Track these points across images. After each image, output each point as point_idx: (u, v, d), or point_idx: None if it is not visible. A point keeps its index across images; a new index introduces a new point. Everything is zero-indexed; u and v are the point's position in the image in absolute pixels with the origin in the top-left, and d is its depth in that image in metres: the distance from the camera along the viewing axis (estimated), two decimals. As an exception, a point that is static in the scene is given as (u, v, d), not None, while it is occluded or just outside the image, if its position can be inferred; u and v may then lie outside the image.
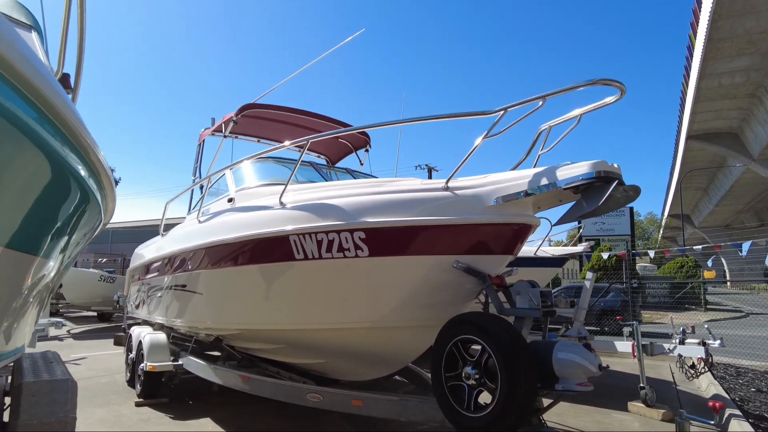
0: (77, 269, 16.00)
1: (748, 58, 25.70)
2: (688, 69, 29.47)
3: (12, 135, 1.45)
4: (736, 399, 6.27)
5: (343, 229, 3.56)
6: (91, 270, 17.78)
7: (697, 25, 24.83)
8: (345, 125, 6.62)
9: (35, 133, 1.52)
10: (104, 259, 28.17)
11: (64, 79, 2.76)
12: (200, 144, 7.30)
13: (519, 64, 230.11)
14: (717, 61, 26.20)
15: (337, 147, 7.70)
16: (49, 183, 1.80)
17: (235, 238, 4.29)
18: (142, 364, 6.22)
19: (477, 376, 3.06)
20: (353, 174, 6.41)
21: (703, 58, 25.80)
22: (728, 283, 41.26)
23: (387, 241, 3.48)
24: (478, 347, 3.09)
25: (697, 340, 6.03)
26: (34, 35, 3.69)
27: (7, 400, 3.93)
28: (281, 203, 4.11)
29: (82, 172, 1.91)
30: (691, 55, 27.78)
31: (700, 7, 23.71)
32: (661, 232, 72.11)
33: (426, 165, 33.45)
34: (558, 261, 8.13)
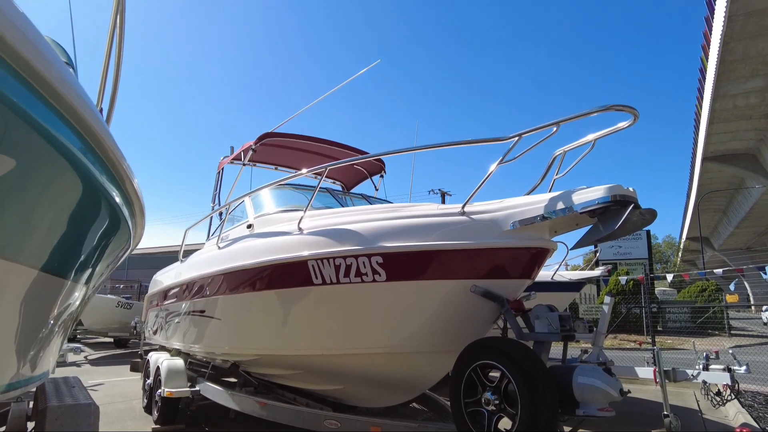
0: (95, 295, 16.17)
1: (763, 79, 25.55)
2: (701, 91, 29.38)
3: (55, 160, 1.55)
4: (766, 428, 6.06)
5: (361, 253, 3.61)
6: (108, 296, 17.97)
7: (709, 48, 24.87)
8: (361, 152, 6.74)
9: (77, 159, 1.62)
10: (121, 286, 28.47)
11: None
12: (219, 172, 7.48)
13: (535, 86, 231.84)
14: (731, 83, 26.09)
15: (353, 173, 7.82)
16: (86, 207, 1.89)
17: (254, 263, 4.35)
18: (159, 390, 6.25)
19: (497, 402, 3.03)
20: (369, 200, 6.49)
21: (716, 80, 25.72)
22: (753, 308, 40.15)
23: (404, 265, 3.51)
24: (498, 372, 3.08)
25: (721, 366, 5.88)
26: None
27: (30, 425, 3.99)
28: (299, 229, 4.18)
29: (117, 199, 2.01)
30: (704, 77, 27.73)
31: (710, 30, 23.81)
32: (680, 255, 70.71)
33: (439, 190, 33.60)
34: (575, 285, 8.03)
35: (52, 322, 2.68)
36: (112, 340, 17.74)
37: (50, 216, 1.80)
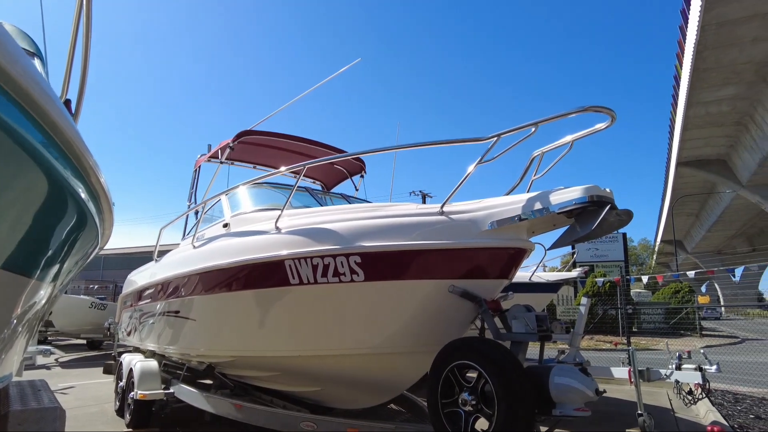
0: (68, 296, 15.75)
1: (734, 88, 26.38)
2: (675, 97, 30.14)
3: (15, 154, 1.48)
4: (735, 426, 6.20)
5: (339, 253, 3.57)
6: (81, 297, 17.51)
7: (683, 56, 25.53)
8: (340, 151, 6.69)
9: (39, 153, 1.55)
10: (96, 286, 27.81)
11: (66, 105, 2.81)
12: (196, 170, 7.34)
13: (512, 92, 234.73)
14: (704, 90, 26.85)
15: (333, 173, 7.77)
16: (49, 203, 1.81)
17: (230, 263, 4.27)
18: (132, 393, 6.08)
19: (474, 402, 3.02)
20: (348, 199, 6.45)
21: (690, 88, 26.44)
22: (722, 309, 41.27)
23: (382, 265, 3.48)
24: (475, 373, 3.07)
25: (693, 366, 6.00)
26: (37, 62, 3.76)
27: (-7, 430, 3.84)
28: (277, 228, 4.11)
29: (82, 194, 1.93)
30: (678, 85, 28.46)
31: (684, 38, 24.43)
32: (655, 257, 72.36)
33: (420, 191, 33.71)
34: (553, 286, 8.12)
35: (15, 321, 2.57)
36: (85, 341, 17.27)
37: (9, 212, 1.72)
